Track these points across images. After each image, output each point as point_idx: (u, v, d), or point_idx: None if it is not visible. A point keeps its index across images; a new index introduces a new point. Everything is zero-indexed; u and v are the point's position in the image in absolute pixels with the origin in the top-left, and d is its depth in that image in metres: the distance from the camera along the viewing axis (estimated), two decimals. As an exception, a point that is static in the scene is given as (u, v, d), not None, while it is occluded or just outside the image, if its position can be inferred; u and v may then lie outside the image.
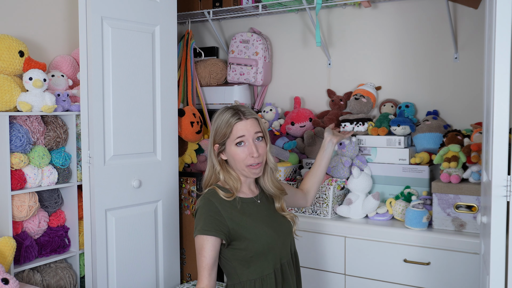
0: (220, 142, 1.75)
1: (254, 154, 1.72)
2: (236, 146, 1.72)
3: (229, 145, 1.73)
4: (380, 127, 2.59)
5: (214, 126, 1.76)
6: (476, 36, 2.55)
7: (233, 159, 1.74)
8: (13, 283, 1.94)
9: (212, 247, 1.65)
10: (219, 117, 1.76)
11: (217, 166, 1.77)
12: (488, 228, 1.39)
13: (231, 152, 1.73)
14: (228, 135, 1.72)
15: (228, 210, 1.70)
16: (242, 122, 1.72)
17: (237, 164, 1.74)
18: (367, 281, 2.32)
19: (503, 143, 1.32)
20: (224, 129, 1.73)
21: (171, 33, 2.60)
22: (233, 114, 1.74)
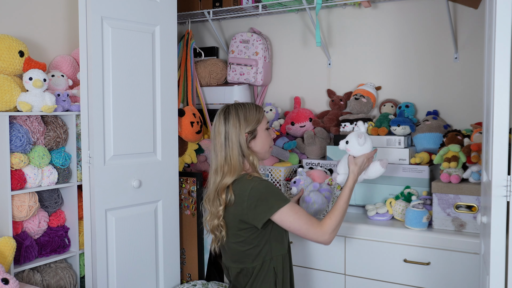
0: (251, 130, 1.96)
1: (274, 136, 2.07)
2: (266, 130, 2.00)
3: (261, 129, 1.98)
4: (380, 127, 2.59)
5: (240, 119, 1.94)
6: (476, 36, 2.55)
7: (264, 142, 1.99)
8: (13, 283, 1.94)
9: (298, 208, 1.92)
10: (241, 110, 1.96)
11: (250, 156, 1.95)
12: (488, 228, 1.39)
13: (263, 136, 1.99)
14: (261, 120, 1.98)
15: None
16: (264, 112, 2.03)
17: (266, 146, 2.00)
18: (367, 281, 2.32)
19: (503, 143, 1.32)
20: (257, 115, 1.97)
21: (171, 33, 2.60)
22: (256, 105, 2.00)
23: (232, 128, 1.93)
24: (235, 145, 1.93)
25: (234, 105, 1.98)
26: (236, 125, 1.93)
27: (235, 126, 1.93)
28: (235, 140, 1.93)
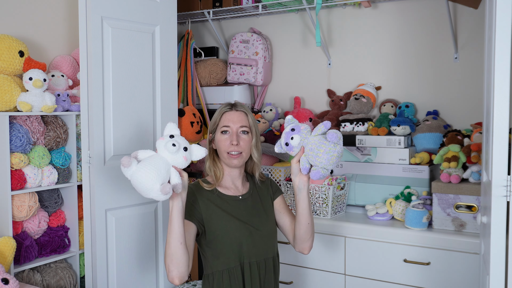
0: (212, 131, 1.90)
1: (233, 142, 1.82)
2: (221, 134, 1.85)
3: (217, 132, 1.87)
4: (380, 127, 2.59)
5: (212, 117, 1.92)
6: (476, 36, 2.55)
7: (218, 146, 1.87)
8: (13, 283, 1.94)
9: (191, 232, 1.76)
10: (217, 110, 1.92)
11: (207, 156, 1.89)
12: (488, 228, 1.39)
13: (217, 138, 1.87)
14: (218, 122, 1.87)
15: (205, 200, 1.82)
16: (231, 112, 1.87)
17: (221, 151, 1.86)
18: (367, 281, 2.32)
19: (503, 143, 1.32)
20: (215, 118, 1.89)
21: (171, 33, 2.60)
22: (226, 105, 1.90)
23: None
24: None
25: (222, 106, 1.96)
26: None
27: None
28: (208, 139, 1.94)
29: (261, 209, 1.91)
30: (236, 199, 1.87)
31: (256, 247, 1.83)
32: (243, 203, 1.88)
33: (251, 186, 1.94)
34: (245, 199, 1.89)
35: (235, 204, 1.86)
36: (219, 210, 1.82)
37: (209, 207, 1.81)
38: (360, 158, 2.62)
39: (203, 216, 1.79)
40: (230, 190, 1.89)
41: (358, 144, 2.63)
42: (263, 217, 1.90)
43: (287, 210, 1.97)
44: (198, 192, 1.83)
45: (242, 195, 1.89)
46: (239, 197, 1.88)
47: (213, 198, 1.84)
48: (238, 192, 1.89)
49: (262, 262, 1.85)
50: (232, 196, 1.87)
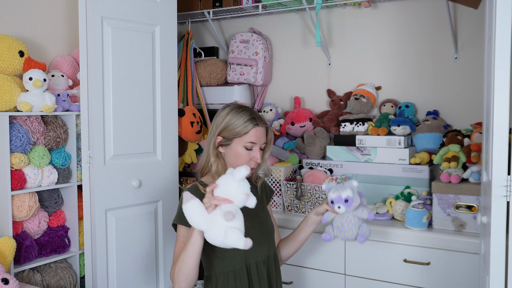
0: (227, 137, 1.79)
1: (258, 161, 1.79)
2: (243, 148, 1.77)
3: (237, 144, 1.78)
4: (380, 127, 2.59)
5: (225, 120, 1.79)
6: (476, 36, 2.55)
7: (235, 157, 1.78)
8: (13, 283, 1.94)
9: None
10: (233, 114, 1.79)
11: (212, 158, 1.81)
12: (488, 228, 1.39)
13: (236, 151, 1.78)
14: (241, 135, 1.77)
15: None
16: (258, 128, 1.79)
17: (235, 162, 1.79)
18: (367, 281, 2.32)
19: (503, 143, 1.32)
20: (239, 128, 1.77)
21: (171, 33, 2.60)
22: (251, 117, 1.78)
23: (215, 124, 1.83)
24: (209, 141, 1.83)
25: (236, 106, 1.83)
26: (218, 123, 1.81)
27: (218, 124, 1.81)
28: (210, 137, 1.83)
29: (260, 206, 1.89)
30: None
31: (260, 245, 1.82)
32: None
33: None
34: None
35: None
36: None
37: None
38: (360, 158, 2.62)
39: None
40: None
41: (358, 144, 2.63)
42: (263, 214, 1.89)
43: (272, 218, 1.99)
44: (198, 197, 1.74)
45: None
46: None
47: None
48: None
49: (266, 260, 1.84)
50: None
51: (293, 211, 2.56)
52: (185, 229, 1.74)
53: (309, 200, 2.50)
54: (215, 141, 1.81)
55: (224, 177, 1.48)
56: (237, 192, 1.41)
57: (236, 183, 1.41)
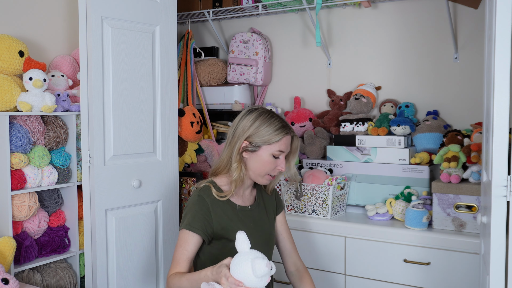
0: (255, 144, 1.72)
1: (283, 170, 1.75)
2: (271, 156, 1.72)
3: (265, 151, 1.72)
4: (380, 127, 2.59)
5: (254, 124, 1.72)
6: (476, 36, 2.55)
7: (260, 164, 1.73)
8: (13, 283, 1.94)
9: (195, 244, 1.69)
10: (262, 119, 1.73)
11: (234, 163, 1.73)
12: (488, 228, 1.39)
13: (263, 158, 1.72)
14: (272, 143, 1.71)
15: (218, 211, 1.72)
16: (287, 137, 1.74)
17: (260, 169, 1.73)
18: (367, 281, 2.32)
19: (503, 143, 1.32)
20: (269, 136, 1.71)
21: (171, 33, 2.60)
22: (281, 125, 1.73)
23: (241, 127, 1.74)
24: (232, 143, 1.75)
25: (264, 110, 1.77)
26: (245, 126, 1.73)
27: (244, 127, 1.73)
28: (235, 140, 1.74)
29: (266, 220, 1.85)
30: (245, 209, 1.80)
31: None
32: (251, 213, 1.81)
33: (257, 195, 1.88)
34: (253, 209, 1.83)
35: (244, 215, 1.79)
36: (231, 223, 1.74)
37: (222, 219, 1.73)
38: (360, 158, 2.62)
39: (214, 230, 1.71)
40: (239, 198, 1.81)
41: (358, 144, 2.63)
42: (267, 229, 1.85)
43: (287, 233, 1.93)
44: (210, 200, 1.73)
45: (251, 205, 1.83)
46: (248, 207, 1.81)
47: (225, 208, 1.75)
48: (246, 201, 1.83)
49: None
50: (242, 206, 1.79)
51: (293, 211, 2.56)
52: (189, 235, 1.68)
53: (309, 200, 2.50)
54: (241, 146, 1.73)
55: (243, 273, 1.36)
56: (260, 284, 1.37)
57: (259, 279, 1.36)
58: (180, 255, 1.68)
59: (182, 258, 1.67)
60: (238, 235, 1.40)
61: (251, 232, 1.74)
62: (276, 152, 1.72)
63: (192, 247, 1.68)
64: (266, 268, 1.33)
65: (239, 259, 1.37)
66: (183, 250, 1.68)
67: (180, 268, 1.66)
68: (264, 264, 1.34)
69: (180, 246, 1.69)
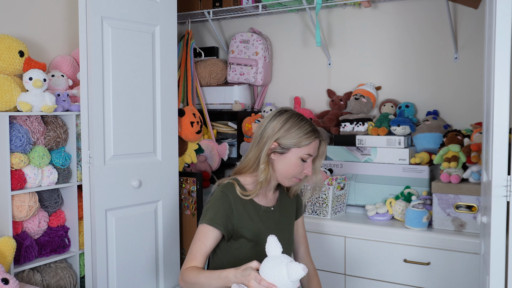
0: (285, 146, 1.71)
1: (309, 174, 1.74)
2: (299, 159, 1.71)
3: (294, 154, 1.71)
4: (380, 127, 2.59)
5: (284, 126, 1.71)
6: (476, 36, 2.55)
7: (288, 167, 1.72)
8: (13, 283, 1.94)
9: (214, 239, 1.67)
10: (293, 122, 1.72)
11: (262, 165, 1.72)
12: (488, 228, 1.39)
13: (291, 161, 1.71)
14: (302, 146, 1.70)
15: (240, 209, 1.71)
16: (317, 141, 1.74)
17: (287, 171, 1.73)
18: (367, 281, 2.32)
19: (503, 143, 1.32)
20: (299, 139, 1.70)
21: (171, 33, 2.60)
22: (312, 129, 1.73)
23: (271, 128, 1.72)
24: (261, 144, 1.73)
25: (294, 112, 1.75)
26: (275, 128, 1.71)
27: (274, 128, 1.71)
28: (264, 140, 1.72)
29: (286, 222, 1.84)
30: (268, 210, 1.79)
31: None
32: (273, 215, 1.80)
33: (279, 197, 1.86)
34: (275, 211, 1.81)
35: (266, 216, 1.78)
36: (252, 222, 1.73)
37: (243, 217, 1.71)
38: (360, 158, 2.62)
39: (234, 227, 1.70)
40: (262, 199, 1.80)
41: (358, 144, 2.63)
42: (288, 231, 1.84)
43: (303, 237, 1.93)
44: (233, 198, 1.71)
45: (273, 206, 1.82)
46: (271, 208, 1.80)
47: (248, 207, 1.73)
48: (269, 202, 1.82)
49: None
50: (264, 206, 1.78)
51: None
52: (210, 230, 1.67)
53: (309, 200, 2.50)
54: (270, 147, 1.72)
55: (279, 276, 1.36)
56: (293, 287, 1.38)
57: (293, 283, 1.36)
58: (198, 249, 1.67)
59: (200, 252, 1.66)
60: (270, 239, 1.39)
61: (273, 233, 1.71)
62: (304, 155, 1.71)
63: (211, 242, 1.67)
64: (303, 272, 1.34)
65: (273, 263, 1.37)
66: (202, 245, 1.67)
67: (197, 262, 1.65)
68: (300, 268, 1.34)
69: (199, 240, 1.68)
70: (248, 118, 2.94)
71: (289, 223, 1.86)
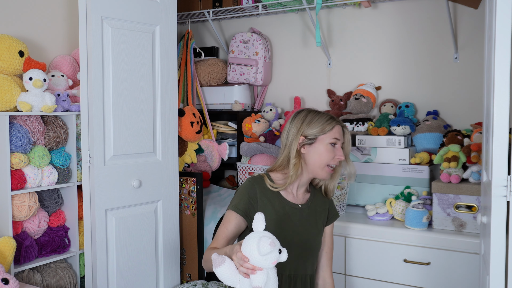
0: (311, 136, 1.78)
1: (342, 157, 1.79)
2: (329, 145, 1.77)
3: (322, 141, 1.77)
4: (380, 127, 2.59)
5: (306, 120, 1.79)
6: (476, 36, 2.55)
7: (319, 156, 1.77)
8: (13, 283, 1.94)
9: (236, 224, 1.74)
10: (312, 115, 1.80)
11: (293, 160, 1.77)
12: (488, 228, 1.39)
13: (322, 148, 1.77)
14: (327, 132, 1.77)
15: (265, 200, 1.77)
16: (339, 126, 1.81)
17: (319, 161, 1.77)
18: (367, 281, 2.32)
19: (503, 143, 1.32)
20: (322, 126, 1.77)
21: (171, 33, 2.60)
22: (331, 116, 1.81)
23: (294, 127, 1.81)
24: (288, 144, 1.80)
25: (309, 109, 1.85)
26: (297, 125, 1.80)
27: (297, 125, 1.80)
28: (290, 139, 1.80)
29: (314, 223, 1.84)
30: (296, 207, 1.81)
31: (302, 260, 1.79)
32: (300, 212, 1.82)
33: (311, 198, 1.87)
34: (303, 209, 1.82)
35: (292, 212, 1.80)
36: (275, 214, 1.76)
37: (267, 208, 1.75)
38: (360, 158, 2.62)
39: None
40: (290, 195, 1.82)
41: (358, 144, 2.63)
42: (315, 232, 1.84)
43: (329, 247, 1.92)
44: (260, 189, 1.77)
45: (302, 204, 1.83)
46: (299, 205, 1.82)
47: (274, 200, 1.78)
48: (298, 200, 1.83)
49: (299, 277, 1.79)
50: (292, 203, 1.80)
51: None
52: (232, 215, 1.73)
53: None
54: (298, 143, 1.78)
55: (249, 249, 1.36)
56: (264, 264, 1.37)
57: (262, 257, 1.35)
58: (220, 232, 1.74)
59: (222, 235, 1.73)
60: (256, 215, 1.42)
61: (295, 230, 1.79)
62: (332, 139, 1.77)
63: (232, 227, 1.73)
64: (269, 246, 1.33)
65: (249, 236, 1.39)
66: (224, 229, 1.74)
67: (217, 244, 1.71)
68: (268, 242, 1.34)
69: (223, 224, 1.75)
70: (248, 118, 2.94)
71: (316, 224, 1.86)
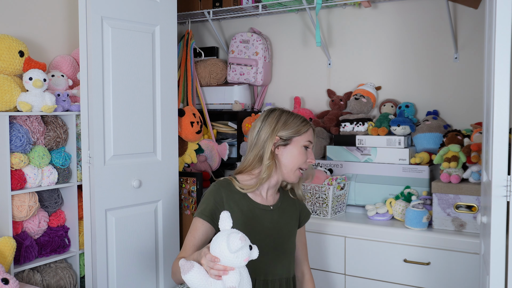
0: (286, 137, 1.74)
1: (313, 161, 1.78)
2: (302, 147, 1.75)
3: (297, 143, 1.75)
4: (380, 127, 2.59)
5: (280, 120, 1.76)
6: (476, 36, 2.55)
7: (292, 158, 1.74)
8: (13, 283, 1.94)
9: (204, 231, 1.68)
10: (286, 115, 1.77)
11: (267, 161, 1.72)
12: (488, 228, 1.39)
13: (295, 151, 1.75)
14: (302, 133, 1.75)
15: (231, 204, 1.71)
16: (312, 129, 1.80)
17: (292, 163, 1.75)
18: (367, 281, 2.32)
19: (503, 143, 1.32)
20: (298, 127, 1.75)
21: (171, 33, 2.60)
22: (304, 118, 1.80)
23: (267, 126, 1.75)
24: (260, 144, 1.74)
25: (282, 109, 1.80)
26: (272, 124, 1.74)
27: (271, 125, 1.74)
28: (263, 139, 1.74)
29: (286, 224, 1.81)
30: (266, 208, 1.77)
31: (276, 263, 1.75)
32: (272, 214, 1.78)
33: (280, 198, 1.83)
34: (274, 210, 1.79)
35: (263, 214, 1.76)
36: (244, 217, 1.71)
37: (234, 211, 1.69)
38: (360, 158, 2.62)
39: None
40: (258, 197, 1.78)
41: (358, 144, 2.63)
42: (288, 233, 1.81)
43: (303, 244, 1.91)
44: (226, 192, 1.72)
45: (272, 205, 1.79)
46: (270, 207, 1.78)
47: (242, 202, 1.73)
48: (267, 202, 1.79)
49: (279, 281, 1.75)
50: (262, 204, 1.76)
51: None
52: (200, 223, 1.68)
53: (309, 200, 2.50)
54: (273, 142, 1.74)
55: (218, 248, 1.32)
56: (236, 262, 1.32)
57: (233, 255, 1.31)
58: (188, 241, 1.69)
59: (189, 244, 1.68)
60: (222, 214, 1.38)
61: (267, 232, 1.74)
62: (306, 142, 1.76)
63: (200, 235, 1.68)
64: (240, 241, 1.29)
65: (217, 236, 1.35)
66: (191, 237, 1.69)
67: (186, 253, 1.66)
68: (237, 237, 1.30)
69: (190, 232, 1.71)
70: (248, 118, 2.94)
71: (289, 225, 1.83)
